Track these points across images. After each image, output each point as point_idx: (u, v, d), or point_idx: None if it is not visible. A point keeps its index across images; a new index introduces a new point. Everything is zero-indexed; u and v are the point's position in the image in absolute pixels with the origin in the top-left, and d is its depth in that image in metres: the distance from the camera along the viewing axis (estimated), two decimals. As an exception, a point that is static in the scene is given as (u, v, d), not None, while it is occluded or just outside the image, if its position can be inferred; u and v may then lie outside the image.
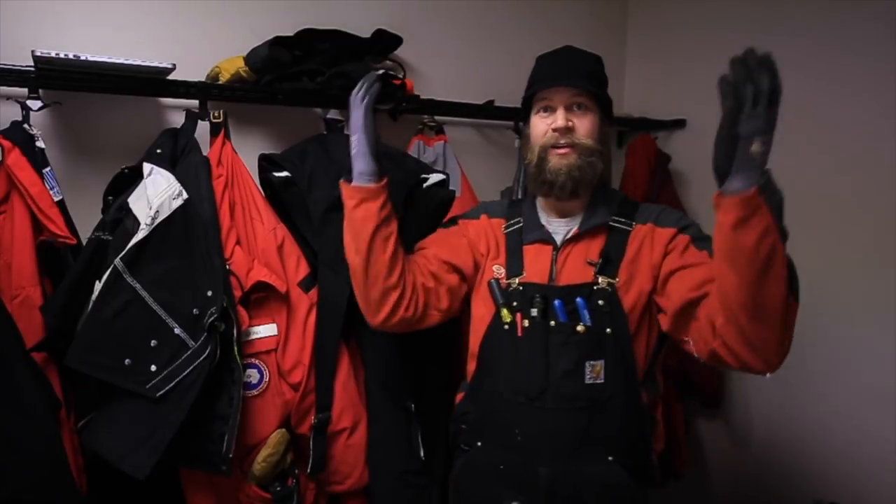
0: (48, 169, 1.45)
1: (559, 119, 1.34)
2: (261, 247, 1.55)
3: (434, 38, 2.15)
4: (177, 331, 1.35)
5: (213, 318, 1.35)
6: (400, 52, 1.99)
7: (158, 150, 1.50)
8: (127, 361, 1.31)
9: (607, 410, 1.27)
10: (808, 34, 2.08)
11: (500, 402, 1.32)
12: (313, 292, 1.59)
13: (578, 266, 1.34)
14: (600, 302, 1.29)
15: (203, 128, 1.61)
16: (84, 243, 1.46)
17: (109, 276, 1.32)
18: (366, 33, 1.90)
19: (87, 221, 1.48)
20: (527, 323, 1.30)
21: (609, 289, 1.30)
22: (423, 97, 1.97)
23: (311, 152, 1.69)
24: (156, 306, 1.34)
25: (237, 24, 1.81)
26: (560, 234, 1.39)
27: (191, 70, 1.64)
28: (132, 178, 1.48)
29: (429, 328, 1.42)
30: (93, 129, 1.66)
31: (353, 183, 1.32)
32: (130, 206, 1.40)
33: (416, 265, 1.39)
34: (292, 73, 1.73)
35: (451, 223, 1.53)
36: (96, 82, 1.54)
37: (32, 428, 1.22)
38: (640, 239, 1.35)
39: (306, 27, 1.81)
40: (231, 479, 1.45)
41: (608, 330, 1.28)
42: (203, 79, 1.70)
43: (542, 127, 1.37)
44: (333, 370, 1.56)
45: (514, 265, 1.38)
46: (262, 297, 1.52)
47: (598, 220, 1.37)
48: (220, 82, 1.68)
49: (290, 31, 1.78)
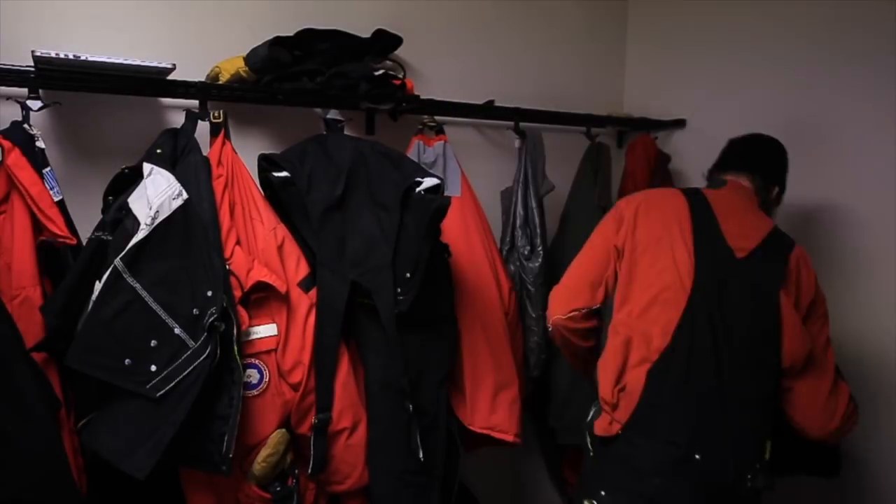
0: (48, 169, 1.45)
1: None
2: (261, 247, 1.55)
3: (434, 38, 2.15)
4: (177, 331, 1.35)
5: (213, 318, 1.35)
6: (400, 52, 1.99)
7: (158, 150, 1.50)
8: (127, 361, 1.31)
9: None
10: (808, 34, 2.08)
11: None
12: (313, 292, 1.58)
13: None
14: None
15: (203, 128, 1.61)
16: (84, 243, 1.46)
17: (109, 276, 1.32)
18: (366, 33, 1.90)
19: (87, 221, 1.48)
20: None
21: None
22: (423, 97, 1.97)
23: (311, 152, 1.69)
24: (156, 306, 1.34)
25: (237, 24, 1.81)
26: None
27: (191, 70, 1.64)
28: (132, 178, 1.48)
29: (430, 328, 1.44)
30: (93, 129, 1.66)
31: None
32: (130, 206, 1.40)
33: None
34: (292, 73, 1.73)
35: None
36: (96, 82, 1.54)
37: (32, 428, 1.22)
38: None
39: (306, 27, 1.81)
40: (231, 479, 1.44)
41: None
42: (203, 79, 1.70)
43: None
44: (333, 370, 1.56)
45: None
46: (262, 297, 1.52)
47: None
48: (220, 82, 1.68)
49: (290, 31, 1.78)
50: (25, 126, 1.45)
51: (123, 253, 1.33)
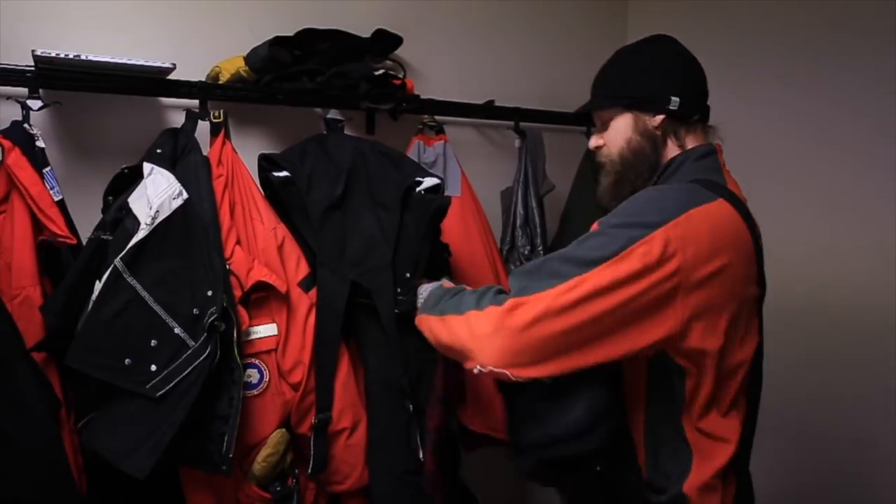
0: (48, 169, 1.45)
1: (591, 141, 1.40)
2: (261, 246, 1.55)
3: (434, 38, 2.15)
4: (177, 331, 1.35)
5: (213, 318, 1.35)
6: (400, 52, 1.99)
7: (158, 150, 1.50)
8: (127, 361, 1.31)
9: None
10: (808, 33, 2.08)
11: None
12: (313, 292, 1.58)
13: None
14: None
15: (203, 128, 1.61)
16: (84, 243, 1.46)
17: (109, 276, 1.32)
18: (366, 33, 1.90)
19: (87, 221, 1.48)
20: None
21: None
22: (423, 97, 1.97)
23: (311, 152, 1.69)
24: (156, 306, 1.34)
25: (237, 24, 1.81)
26: None
27: (191, 70, 1.64)
28: (132, 178, 1.48)
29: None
30: (93, 129, 1.66)
31: None
32: (130, 205, 1.40)
33: None
34: (292, 72, 1.73)
35: None
36: (96, 82, 1.54)
37: (32, 428, 1.22)
38: None
39: (306, 27, 1.81)
40: (231, 478, 1.44)
41: None
42: (203, 79, 1.70)
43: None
44: (333, 370, 1.56)
45: None
46: (262, 297, 1.52)
47: None
48: (221, 82, 1.68)
49: (290, 31, 1.78)
50: (25, 126, 1.45)
51: (123, 253, 1.33)
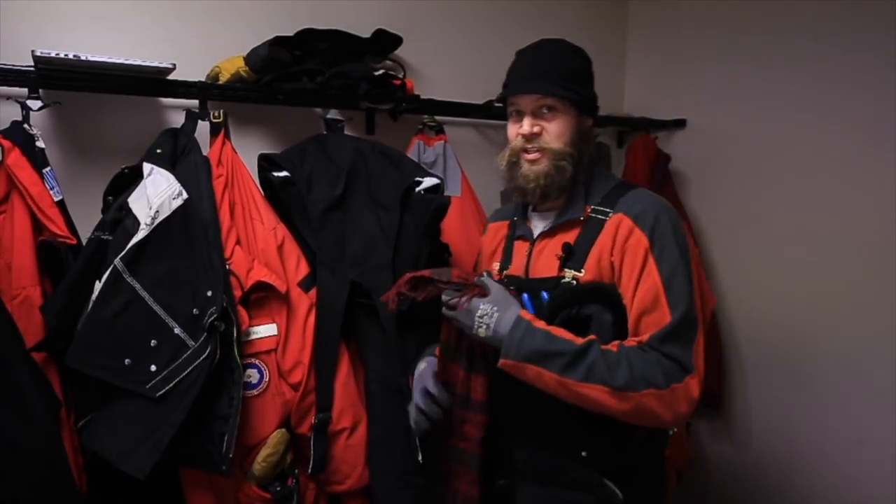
0: (48, 169, 1.46)
1: (525, 125, 1.33)
2: (261, 247, 1.55)
3: (434, 38, 2.15)
4: (177, 331, 1.35)
5: (213, 318, 1.35)
6: (400, 52, 1.99)
7: (158, 150, 1.50)
8: (127, 361, 1.31)
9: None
10: (808, 33, 2.08)
11: None
12: (313, 292, 1.58)
13: (549, 260, 1.34)
14: None
15: (203, 128, 1.62)
16: (84, 243, 1.46)
17: (109, 276, 1.32)
18: (366, 33, 1.90)
19: (87, 221, 1.48)
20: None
21: (573, 282, 1.28)
22: (423, 97, 1.97)
23: (311, 152, 1.69)
24: (156, 306, 1.34)
25: (237, 24, 1.81)
26: (538, 228, 1.39)
27: (191, 70, 1.64)
28: (132, 178, 1.48)
29: (430, 328, 1.43)
30: (93, 129, 1.67)
31: None
32: (130, 206, 1.40)
33: None
34: (292, 73, 1.74)
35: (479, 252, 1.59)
36: (96, 82, 1.54)
37: (32, 428, 1.22)
38: (609, 230, 1.29)
39: (306, 27, 1.81)
40: (231, 478, 1.44)
41: None
42: (203, 79, 1.70)
43: (513, 131, 1.37)
44: (333, 370, 1.56)
45: (506, 260, 1.44)
46: (262, 297, 1.52)
47: (571, 214, 1.34)
48: (220, 82, 1.68)
49: (290, 31, 1.78)
50: (25, 126, 1.45)
51: (123, 253, 1.33)
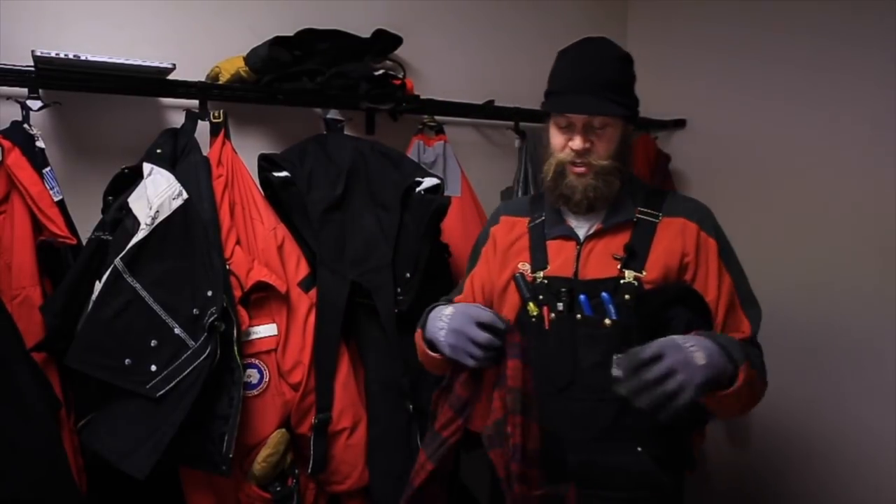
0: (48, 169, 1.45)
1: (577, 141, 1.30)
2: (261, 247, 1.55)
3: (434, 38, 2.15)
4: (177, 331, 1.35)
5: (213, 318, 1.35)
6: (400, 52, 1.99)
7: (158, 150, 1.50)
8: (127, 361, 1.31)
9: None
10: (808, 33, 2.08)
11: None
12: (313, 292, 1.59)
13: (603, 261, 1.32)
14: (626, 296, 1.28)
15: (203, 128, 1.61)
16: (84, 243, 1.46)
17: (109, 276, 1.32)
18: (366, 33, 1.90)
19: (87, 221, 1.48)
20: (553, 316, 1.30)
21: (635, 283, 1.28)
22: (423, 97, 1.97)
23: (311, 152, 1.69)
24: (156, 306, 1.34)
25: (237, 24, 1.81)
26: (583, 229, 1.37)
27: (191, 70, 1.64)
28: (132, 178, 1.48)
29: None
30: (93, 129, 1.66)
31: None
32: (130, 206, 1.40)
33: None
34: (292, 73, 1.73)
35: (483, 235, 1.51)
36: (96, 82, 1.54)
37: (32, 428, 1.22)
38: (672, 232, 1.32)
39: (306, 27, 1.81)
40: (231, 478, 1.45)
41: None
42: (203, 79, 1.70)
43: (560, 141, 1.34)
44: (333, 370, 1.56)
45: (539, 260, 1.37)
46: (262, 297, 1.52)
47: (623, 216, 1.34)
48: (220, 82, 1.68)
49: (290, 31, 1.78)
50: (25, 126, 1.45)
51: (123, 253, 1.33)
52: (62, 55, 1.42)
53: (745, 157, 2.27)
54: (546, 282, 1.33)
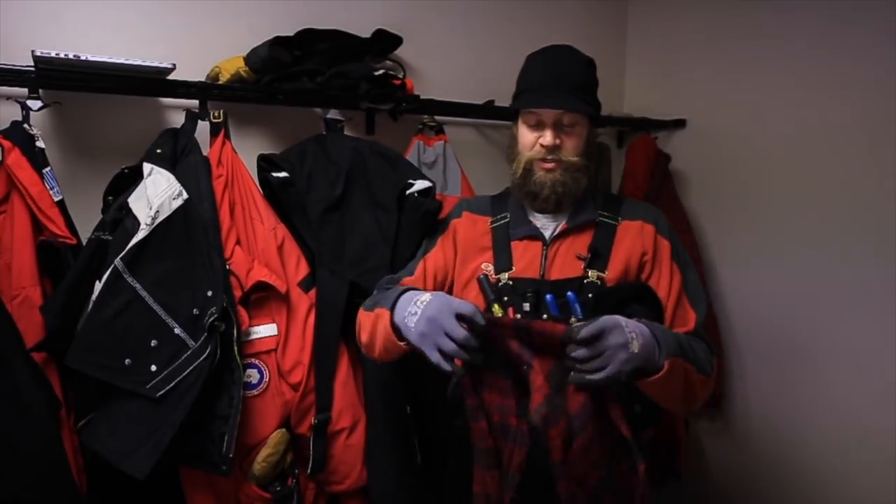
0: (48, 169, 1.45)
1: (547, 137, 1.36)
2: (261, 247, 1.55)
3: (434, 38, 2.15)
4: (177, 331, 1.35)
5: (213, 318, 1.35)
6: (400, 52, 1.99)
7: (158, 150, 1.50)
8: (127, 361, 1.31)
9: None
10: (808, 33, 2.08)
11: None
12: (313, 292, 1.59)
13: (568, 261, 1.37)
14: (590, 295, 1.32)
15: (203, 128, 1.61)
16: (84, 243, 1.46)
17: (109, 276, 1.32)
18: (366, 33, 1.90)
19: (87, 221, 1.48)
20: (519, 317, 1.31)
21: (599, 282, 1.33)
22: (423, 97, 1.97)
23: (310, 153, 1.69)
24: (156, 306, 1.34)
25: (237, 24, 1.81)
26: (548, 229, 1.41)
27: (191, 70, 1.64)
28: (132, 178, 1.48)
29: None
30: (93, 129, 1.66)
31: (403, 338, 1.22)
32: (130, 206, 1.40)
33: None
34: (292, 73, 1.73)
35: (444, 225, 1.53)
36: (96, 82, 1.54)
37: (32, 428, 1.22)
38: (632, 234, 1.39)
39: (306, 27, 1.81)
40: (231, 478, 1.45)
41: None
42: (203, 79, 1.70)
43: (529, 139, 1.39)
44: (333, 370, 1.56)
45: (503, 261, 1.40)
46: (262, 297, 1.52)
47: (587, 216, 1.40)
48: (220, 82, 1.68)
49: (290, 31, 1.78)
50: (25, 126, 1.45)
51: (123, 253, 1.33)
52: (62, 55, 1.42)
53: (745, 157, 2.27)
54: (511, 283, 1.36)
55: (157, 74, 1.56)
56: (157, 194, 1.38)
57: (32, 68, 1.46)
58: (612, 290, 1.32)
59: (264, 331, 1.51)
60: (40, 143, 1.46)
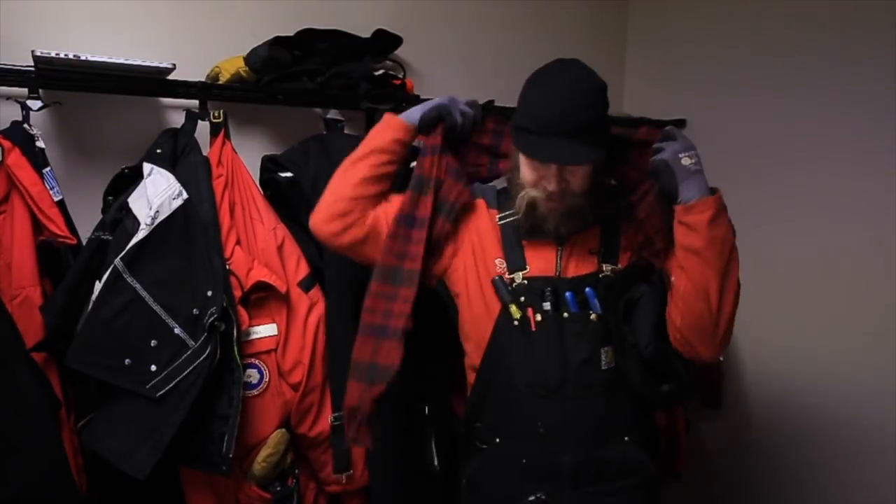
0: (48, 169, 1.45)
1: (552, 184, 1.28)
2: (261, 247, 1.55)
3: (434, 38, 2.15)
4: (177, 331, 1.35)
5: (213, 318, 1.35)
6: (400, 52, 1.99)
7: (158, 150, 1.50)
8: (127, 361, 1.31)
9: (620, 393, 1.32)
10: (808, 33, 2.08)
11: (517, 396, 1.33)
12: (313, 292, 1.59)
13: (582, 258, 1.37)
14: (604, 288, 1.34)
15: (203, 128, 1.61)
16: (84, 243, 1.46)
17: (109, 276, 1.32)
18: (366, 33, 1.90)
19: (87, 221, 1.48)
20: (539, 317, 1.32)
21: (612, 275, 1.36)
22: (423, 97, 1.96)
23: (313, 153, 1.69)
24: (156, 306, 1.34)
25: (237, 24, 1.81)
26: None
27: (191, 70, 1.64)
28: (132, 178, 1.48)
29: (432, 328, 1.44)
30: (93, 129, 1.66)
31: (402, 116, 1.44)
32: (130, 206, 1.40)
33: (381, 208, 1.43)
34: (292, 73, 1.73)
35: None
36: (96, 82, 1.54)
37: (32, 428, 1.22)
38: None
39: (306, 27, 1.81)
40: (231, 479, 1.45)
41: None
42: (203, 79, 1.70)
43: (533, 176, 1.31)
44: (346, 370, 1.56)
45: (516, 260, 1.37)
46: (262, 297, 1.52)
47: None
48: (220, 82, 1.68)
49: (290, 31, 1.78)
50: (25, 126, 1.45)
51: (123, 253, 1.33)
52: (62, 55, 1.42)
53: (745, 157, 2.27)
54: (526, 283, 1.35)
55: (157, 74, 1.56)
56: (157, 194, 1.38)
57: (32, 68, 1.46)
58: (620, 277, 1.35)
59: (264, 331, 1.51)
60: (40, 143, 1.46)
